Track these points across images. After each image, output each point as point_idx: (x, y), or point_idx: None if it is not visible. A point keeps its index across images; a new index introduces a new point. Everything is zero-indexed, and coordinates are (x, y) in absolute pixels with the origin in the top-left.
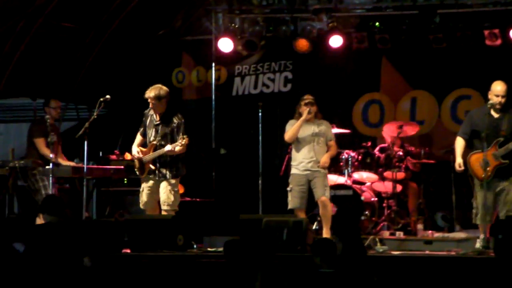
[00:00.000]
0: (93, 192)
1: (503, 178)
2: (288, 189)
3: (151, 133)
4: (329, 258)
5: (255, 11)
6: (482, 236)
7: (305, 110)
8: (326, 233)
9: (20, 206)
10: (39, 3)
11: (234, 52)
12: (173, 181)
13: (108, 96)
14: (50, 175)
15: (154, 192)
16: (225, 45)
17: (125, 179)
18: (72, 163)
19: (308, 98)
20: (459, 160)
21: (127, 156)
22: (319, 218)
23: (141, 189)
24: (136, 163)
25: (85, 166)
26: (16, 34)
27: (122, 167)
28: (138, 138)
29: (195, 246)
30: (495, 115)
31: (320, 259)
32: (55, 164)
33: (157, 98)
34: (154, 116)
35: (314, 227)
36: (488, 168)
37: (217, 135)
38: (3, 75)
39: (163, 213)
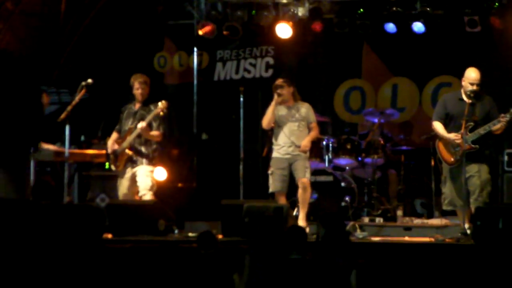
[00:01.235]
0: (75, 176)
1: (472, 162)
2: (269, 172)
3: (128, 123)
4: (300, 245)
5: None
6: (467, 224)
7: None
8: (302, 218)
9: None
10: None
11: (216, 37)
12: (149, 167)
13: (90, 80)
14: (31, 159)
15: (133, 182)
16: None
17: (107, 164)
18: (53, 147)
19: (278, 81)
20: (451, 135)
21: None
22: (298, 204)
23: (118, 183)
24: (112, 157)
25: (66, 150)
26: None
27: (104, 151)
28: (114, 135)
29: (176, 231)
30: (468, 101)
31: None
32: (36, 148)
33: (145, 82)
34: (133, 106)
35: (294, 213)
36: (459, 151)
37: (199, 120)
38: None
39: (145, 198)
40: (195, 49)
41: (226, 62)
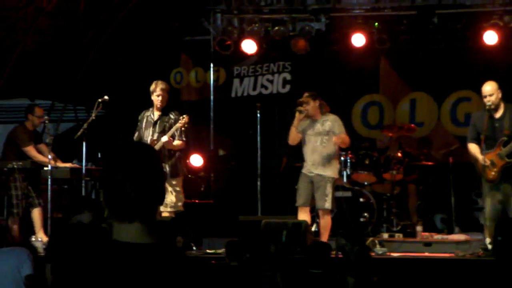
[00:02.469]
0: (92, 194)
1: (509, 179)
2: (296, 186)
3: (149, 133)
4: (323, 261)
5: (253, 12)
6: (488, 239)
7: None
8: None
9: None
10: (42, 1)
11: (233, 53)
12: (173, 181)
13: (106, 97)
14: (49, 177)
15: None
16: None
17: None
18: (70, 164)
19: (303, 97)
20: (481, 156)
21: None
22: (318, 220)
23: None
24: None
25: (83, 167)
26: (15, 33)
27: None
28: None
29: (194, 247)
30: (496, 115)
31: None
32: (54, 167)
33: (166, 90)
34: (152, 115)
35: (313, 228)
36: (494, 169)
37: (216, 137)
38: (1, 76)
39: (164, 214)
40: (212, 65)
41: (243, 78)
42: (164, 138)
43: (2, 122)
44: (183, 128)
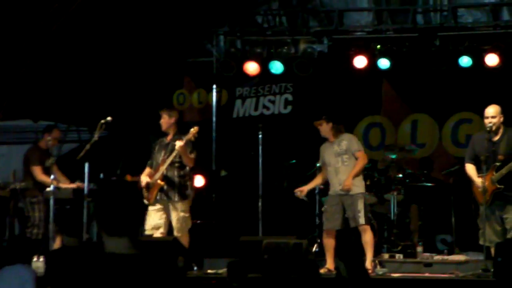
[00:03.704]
0: (94, 214)
1: (501, 202)
2: (322, 209)
3: (160, 155)
4: (311, 281)
5: (256, 34)
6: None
7: None
8: (367, 261)
9: (21, 228)
10: (45, 22)
11: (235, 74)
12: (182, 204)
13: (109, 118)
14: (51, 197)
15: (162, 214)
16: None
17: None
18: (72, 185)
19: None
20: (478, 179)
21: (128, 177)
22: (318, 240)
23: (147, 214)
24: (145, 191)
25: (85, 188)
26: (18, 55)
27: None
28: (147, 170)
29: (195, 268)
30: (494, 139)
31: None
32: (56, 187)
33: (169, 115)
34: (165, 139)
35: (314, 249)
36: (487, 193)
37: (218, 157)
38: (5, 97)
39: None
40: (214, 86)
41: (245, 99)
42: (178, 143)
43: (6, 143)
44: (193, 139)
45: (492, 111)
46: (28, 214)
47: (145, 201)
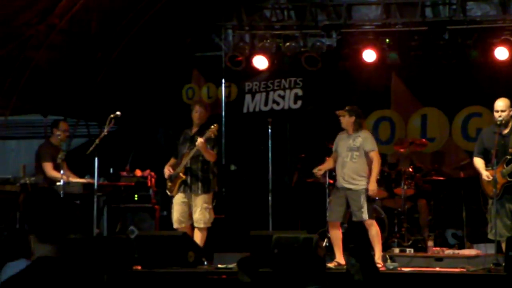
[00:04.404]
0: (104, 209)
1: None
2: (328, 200)
3: (184, 148)
4: (318, 276)
5: (264, 28)
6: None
7: None
8: (377, 257)
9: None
10: (54, 18)
11: (244, 68)
12: (205, 196)
13: (118, 113)
14: (61, 192)
15: (185, 207)
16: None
17: (136, 196)
18: (82, 180)
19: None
20: (485, 172)
21: (138, 172)
22: (329, 235)
23: (172, 208)
24: (168, 182)
25: (95, 182)
26: (27, 49)
27: (133, 183)
28: (171, 160)
29: (205, 262)
30: (504, 132)
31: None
32: (66, 182)
33: (205, 107)
34: (190, 131)
35: (324, 243)
36: (497, 186)
37: (227, 152)
38: (14, 92)
39: (196, 230)
40: (223, 81)
41: (255, 94)
42: (199, 140)
43: (16, 138)
44: (213, 136)
45: (502, 105)
46: None
47: (168, 192)
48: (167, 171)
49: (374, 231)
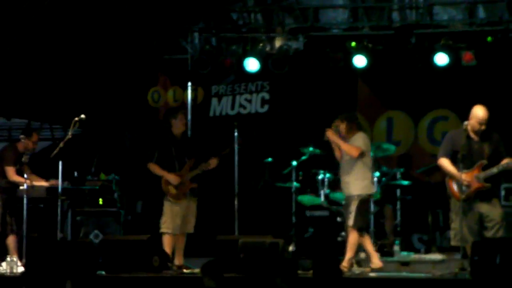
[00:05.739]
0: (68, 213)
1: (484, 200)
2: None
3: (175, 152)
4: (289, 280)
5: (231, 31)
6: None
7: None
8: (345, 260)
9: None
10: (16, 18)
11: (210, 72)
12: (195, 201)
13: (83, 116)
14: (24, 196)
15: (185, 213)
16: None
17: (101, 200)
18: (46, 183)
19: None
20: (461, 176)
21: (102, 176)
22: (295, 239)
23: (173, 214)
24: (172, 189)
25: (59, 186)
26: None
27: (97, 187)
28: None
29: (172, 267)
30: (475, 138)
31: (280, 280)
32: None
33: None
34: (173, 136)
35: (290, 248)
36: (470, 190)
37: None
38: None
39: (182, 235)
40: (190, 84)
41: (221, 98)
42: (214, 162)
43: None
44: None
45: (486, 117)
46: None
47: (171, 199)
48: (179, 178)
49: (351, 239)
